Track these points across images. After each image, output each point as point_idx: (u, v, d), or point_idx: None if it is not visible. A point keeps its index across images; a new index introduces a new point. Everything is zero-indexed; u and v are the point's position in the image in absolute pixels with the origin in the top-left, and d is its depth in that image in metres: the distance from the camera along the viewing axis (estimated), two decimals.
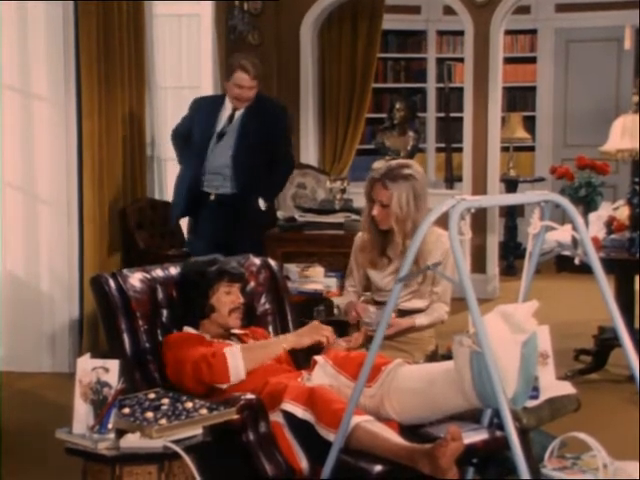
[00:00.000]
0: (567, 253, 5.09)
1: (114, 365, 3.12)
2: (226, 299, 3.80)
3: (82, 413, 3.09)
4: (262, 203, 5.73)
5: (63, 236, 6.11)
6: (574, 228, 2.98)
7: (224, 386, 3.57)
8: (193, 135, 5.70)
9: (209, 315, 3.81)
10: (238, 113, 5.63)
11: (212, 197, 5.63)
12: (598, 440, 3.24)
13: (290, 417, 3.38)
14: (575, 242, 3.05)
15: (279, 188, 6.19)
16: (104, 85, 6.16)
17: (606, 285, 2.95)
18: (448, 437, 3.08)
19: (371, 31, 8.71)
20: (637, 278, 5.90)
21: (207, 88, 7.54)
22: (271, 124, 5.65)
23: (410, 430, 3.40)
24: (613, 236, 5.66)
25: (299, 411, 3.36)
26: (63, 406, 3.48)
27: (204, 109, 5.73)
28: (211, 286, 3.80)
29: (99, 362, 3.14)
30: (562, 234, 3.10)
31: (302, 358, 3.93)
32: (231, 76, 5.58)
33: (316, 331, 3.76)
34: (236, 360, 3.58)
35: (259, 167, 5.61)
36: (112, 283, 3.81)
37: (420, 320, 4.09)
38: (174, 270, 4.00)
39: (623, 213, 5.70)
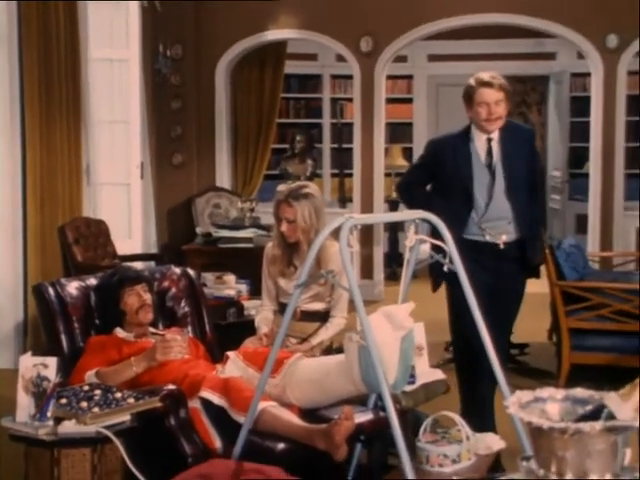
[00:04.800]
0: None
1: (53, 362, 3.08)
2: (132, 301, 3.74)
3: (24, 404, 3.04)
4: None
5: (9, 250, 5.99)
6: (443, 241, 3.02)
7: None
8: (445, 180, 4.13)
9: (124, 319, 3.76)
10: (494, 144, 4.06)
11: (501, 246, 4.00)
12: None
13: (207, 403, 3.36)
14: (443, 252, 3.08)
15: (545, 220, 4.46)
16: (45, 119, 6.05)
17: (469, 287, 3.01)
18: (342, 417, 3.10)
19: (275, 74, 8.74)
20: None
21: (135, 122, 7.44)
22: (528, 148, 4.17)
23: (309, 413, 3.40)
24: None
25: (215, 398, 3.35)
26: (8, 398, 3.38)
27: (451, 150, 4.14)
28: (116, 296, 3.75)
29: (39, 359, 3.09)
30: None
31: (217, 353, 3.91)
32: (472, 98, 4.03)
33: (164, 349, 3.51)
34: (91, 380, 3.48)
35: (526, 202, 4.09)
36: (51, 291, 3.75)
37: (317, 339, 4.03)
38: None
39: None
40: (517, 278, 4.11)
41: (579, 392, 1.66)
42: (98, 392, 3.19)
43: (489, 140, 4.06)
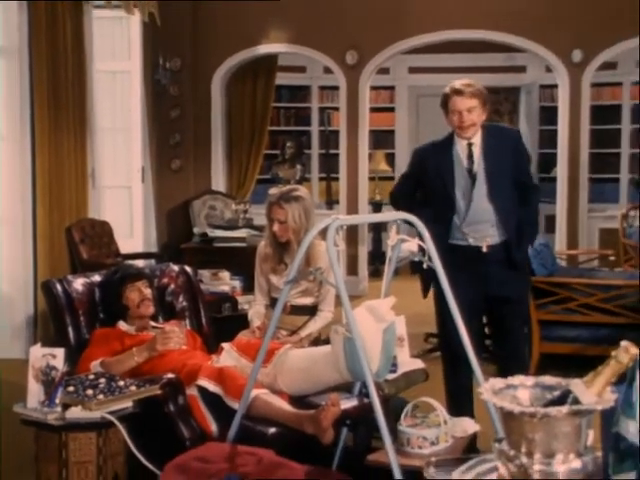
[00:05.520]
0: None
1: (60, 352, 3.08)
2: (133, 296, 3.74)
3: (34, 391, 3.04)
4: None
5: (20, 249, 5.98)
6: (422, 240, 3.02)
7: None
8: (429, 186, 3.94)
9: (127, 312, 3.75)
10: (475, 148, 3.85)
11: (484, 249, 3.80)
12: (441, 403, 3.31)
13: (203, 391, 3.36)
14: (423, 251, 3.08)
15: (537, 221, 4.13)
16: (53, 127, 6.03)
17: (446, 283, 3.01)
18: (329, 403, 3.10)
19: (267, 85, 8.74)
20: None
21: (136, 129, 7.43)
22: (513, 150, 3.91)
23: (298, 400, 3.41)
24: None
25: (211, 386, 3.35)
26: (19, 386, 3.38)
27: (433, 157, 3.94)
28: (119, 291, 3.74)
29: (48, 350, 3.09)
30: (413, 244, 3.15)
31: (213, 345, 3.90)
32: (447, 106, 3.85)
33: (163, 340, 3.53)
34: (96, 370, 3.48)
35: (512, 204, 3.85)
36: (59, 287, 3.74)
37: (306, 331, 4.00)
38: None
39: None
40: (508, 279, 3.85)
41: (547, 379, 1.67)
42: (103, 380, 3.19)
43: (470, 145, 3.85)
